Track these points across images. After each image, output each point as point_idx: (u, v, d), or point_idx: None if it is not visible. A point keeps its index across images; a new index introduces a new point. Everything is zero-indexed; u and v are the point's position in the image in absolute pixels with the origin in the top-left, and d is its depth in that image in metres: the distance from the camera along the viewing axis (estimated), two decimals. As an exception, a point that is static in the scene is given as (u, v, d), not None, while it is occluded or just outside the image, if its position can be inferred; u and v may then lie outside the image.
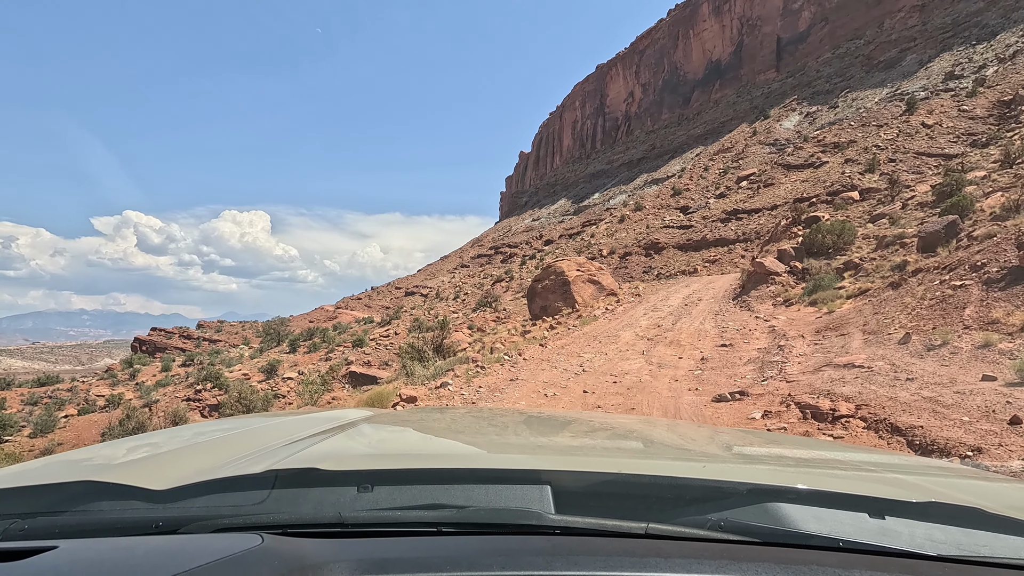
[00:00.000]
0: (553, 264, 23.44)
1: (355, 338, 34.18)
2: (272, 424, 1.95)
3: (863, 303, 15.05)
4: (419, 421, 2.17)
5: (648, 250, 53.45)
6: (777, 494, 1.03)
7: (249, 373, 31.81)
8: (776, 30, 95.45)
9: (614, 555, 0.84)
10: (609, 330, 16.98)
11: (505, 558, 0.82)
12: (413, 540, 0.92)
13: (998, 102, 54.96)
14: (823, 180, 51.19)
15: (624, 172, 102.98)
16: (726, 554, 0.86)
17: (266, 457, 1.30)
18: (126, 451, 1.58)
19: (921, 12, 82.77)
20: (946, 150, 49.86)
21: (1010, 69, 59.97)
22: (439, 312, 45.86)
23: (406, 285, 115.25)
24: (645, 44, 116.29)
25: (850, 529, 0.95)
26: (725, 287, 26.94)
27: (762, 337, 13.50)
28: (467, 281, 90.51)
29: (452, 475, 1.12)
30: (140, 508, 1.02)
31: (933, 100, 59.42)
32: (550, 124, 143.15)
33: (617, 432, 2.10)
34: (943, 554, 0.90)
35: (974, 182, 25.04)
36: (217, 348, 62.50)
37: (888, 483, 1.30)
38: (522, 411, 3.26)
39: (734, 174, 71.54)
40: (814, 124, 76.92)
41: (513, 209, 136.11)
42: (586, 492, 1.08)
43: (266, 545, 0.84)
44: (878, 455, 2.05)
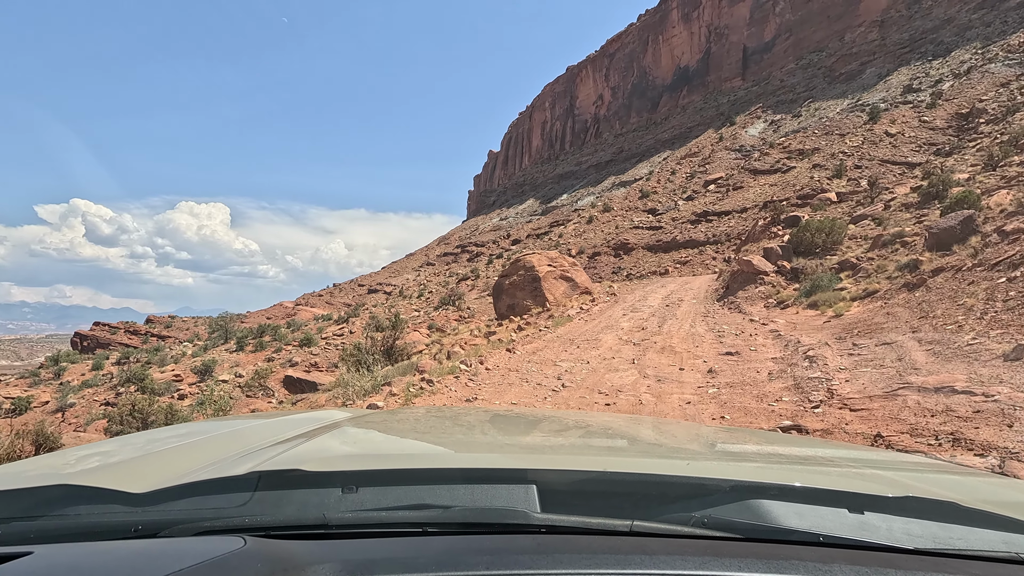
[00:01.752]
0: (522, 258, 20.82)
1: (303, 337, 30.77)
2: (255, 425, 1.89)
3: (876, 305, 12.92)
4: (404, 421, 2.13)
5: (617, 251, 51.47)
6: (760, 491, 1.02)
7: (182, 374, 28.09)
8: (743, 39, 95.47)
9: (599, 553, 0.84)
10: (587, 332, 14.44)
11: (491, 557, 0.82)
12: (398, 540, 0.90)
13: (956, 114, 55.15)
14: (792, 184, 50.26)
15: (592, 174, 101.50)
16: (710, 550, 0.86)
17: (249, 458, 1.24)
18: (104, 454, 1.50)
19: (880, 28, 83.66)
20: (909, 159, 49.58)
21: (965, 84, 60.40)
22: (400, 310, 42.69)
23: (369, 282, 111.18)
24: (615, 47, 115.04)
25: (830, 524, 0.96)
26: (704, 287, 24.83)
27: (769, 343, 11.18)
28: (432, 279, 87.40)
29: (437, 475, 1.10)
30: (119, 511, 0.97)
31: (895, 111, 59.47)
32: (520, 124, 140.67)
33: (602, 431, 2.06)
34: (920, 547, 0.91)
35: (960, 183, 23.72)
36: (162, 345, 57.62)
37: (867, 479, 1.30)
38: (508, 410, 3.31)
39: (701, 178, 70.58)
40: (778, 132, 76.69)
41: (481, 208, 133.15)
42: (571, 491, 1.06)
43: (249, 547, 0.82)
44: (857, 451, 2.06)
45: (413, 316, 37.78)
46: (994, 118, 47.85)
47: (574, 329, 15.26)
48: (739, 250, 30.24)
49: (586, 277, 21.85)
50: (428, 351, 18.89)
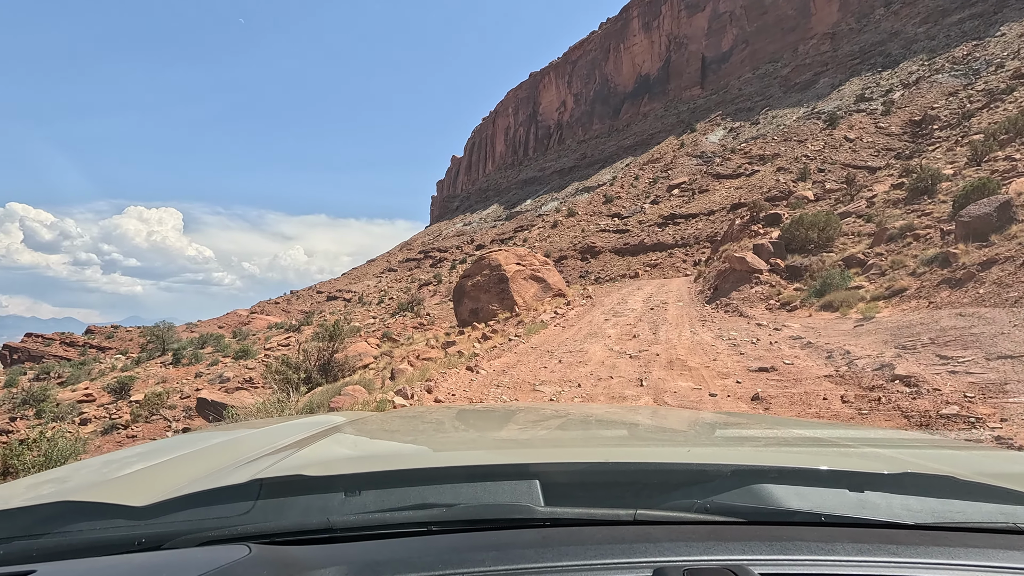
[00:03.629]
0: (487, 256, 17.86)
1: (240, 348, 26.86)
2: (254, 432, 1.83)
3: (915, 305, 10.51)
4: (403, 422, 2.10)
5: (584, 254, 49.08)
6: (760, 474, 1.02)
7: (94, 393, 23.84)
8: (701, 49, 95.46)
9: (604, 543, 0.83)
10: (568, 342, 11.59)
11: (496, 553, 0.81)
12: (403, 541, 0.88)
13: (910, 121, 55.31)
14: (759, 187, 49.06)
15: (556, 179, 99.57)
16: (713, 535, 0.86)
17: (249, 466, 1.21)
18: (104, 468, 1.44)
19: (832, 40, 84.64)
20: (869, 163, 49.12)
21: (915, 93, 60.89)
22: (355, 317, 39.03)
23: (328, 289, 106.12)
24: (578, 55, 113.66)
25: (831, 504, 0.95)
26: (683, 289, 22.41)
27: (801, 354, 8.57)
28: (394, 285, 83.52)
29: (439, 474, 1.08)
30: (121, 526, 0.94)
31: (853, 117, 59.43)
32: (483, 129, 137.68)
33: (602, 421, 2.03)
34: (920, 522, 0.91)
35: (948, 178, 22.12)
36: (88, 359, 51.82)
37: (866, 457, 1.28)
38: (506, 406, 3.37)
39: (665, 183, 69.26)
40: (738, 139, 76.31)
41: (444, 213, 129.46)
42: (574, 483, 1.04)
43: (254, 555, 0.80)
44: (855, 431, 2.02)
45: (368, 324, 34.24)
46: (947, 124, 47.75)
47: (551, 338, 12.38)
48: (716, 250, 28.08)
49: (559, 278, 19.05)
50: (375, 365, 15.68)
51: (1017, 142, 24.59)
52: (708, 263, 26.34)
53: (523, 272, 17.45)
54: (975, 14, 69.17)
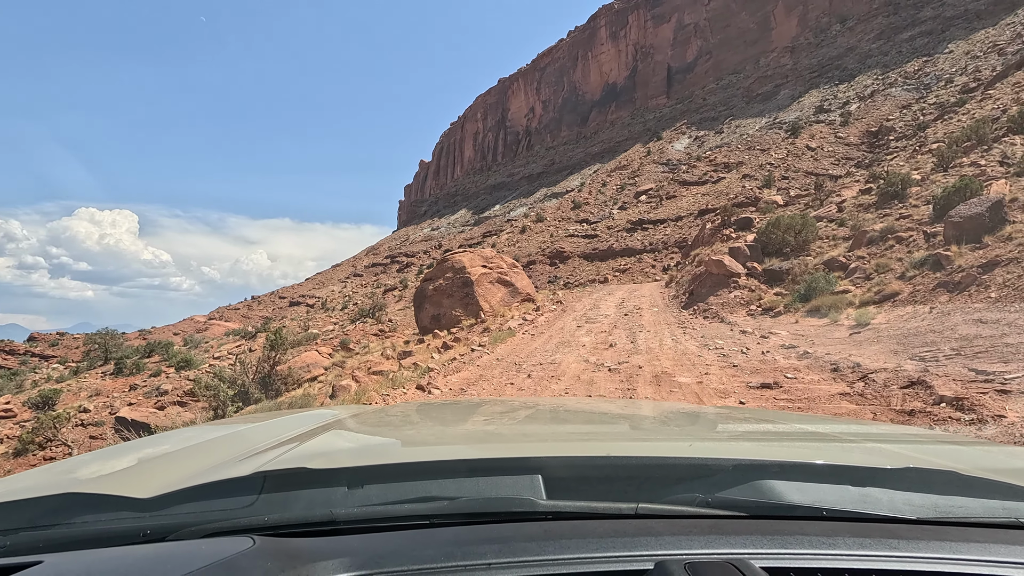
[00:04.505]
0: (450, 257, 16.43)
1: (182, 358, 24.64)
2: (258, 426, 1.80)
3: (912, 311, 9.61)
4: (407, 415, 2.06)
5: (553, 259, 48.08)
6: (762, 468, 1.01)
7: (14, 408, 21.28)
8: (667, 59, 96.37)
9: (606, 536, 0.83)
10: (538, 352, 10.28)
11: (499, 546, 0.80)
12: (406, 533, 0.88)
13: (867, 132, 56.50)
14: (725, 193, 49.08)
15: (524, 185, 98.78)
16: (714, 529, 0.85)
17: (253, 459, 1.19)
18: (108, 461, 1.44)
19: (791, 53, 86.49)
20: (830, 171, 49.73)
21: (871, 105, 62.37)
22: (314, 323, 36.92)
23: (291, 294, 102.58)
24: (546, 62, 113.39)
25: (833, 498, 0.95)
26: (656, 294, 21.45)
27: (801, 366, 7.49)
28: (359, 291, 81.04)
29: (442, 467, 1.07)
30: (126, 517, 0.94)
31: (814, 127, 60.45)
32: (452, 134, 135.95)
33: (605, 416, 2.02)
34: (922, 517, 0.90)
35: (917, 183, 21.89)
36: (35, 367, 47.93)
37: (868, 452, 1.28)
38: (509, 400, 3.17)
39: (632, 189, 69.16)
40: (703, 147, 77.00)
41: (412, 218, 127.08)
42: (576, 477, 1.04)
43: (258, 547, 0.80)
44: (857, 426, 2.03)
45: (327, 331, 32.27)
46: (903, 135, 48.77)
47: (519, 347, 11.05)
48: (687, 255, 27.36)
49: (528, 281, 17.77)
50: (325, 377, 14.04)
51: (980, 149, 24.72)
52: (680, 267, 25.53)
53: (489, 275, 16.10)
54: (925, 32, 71.55)
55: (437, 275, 16.27)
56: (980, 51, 58.81)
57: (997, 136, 25.67)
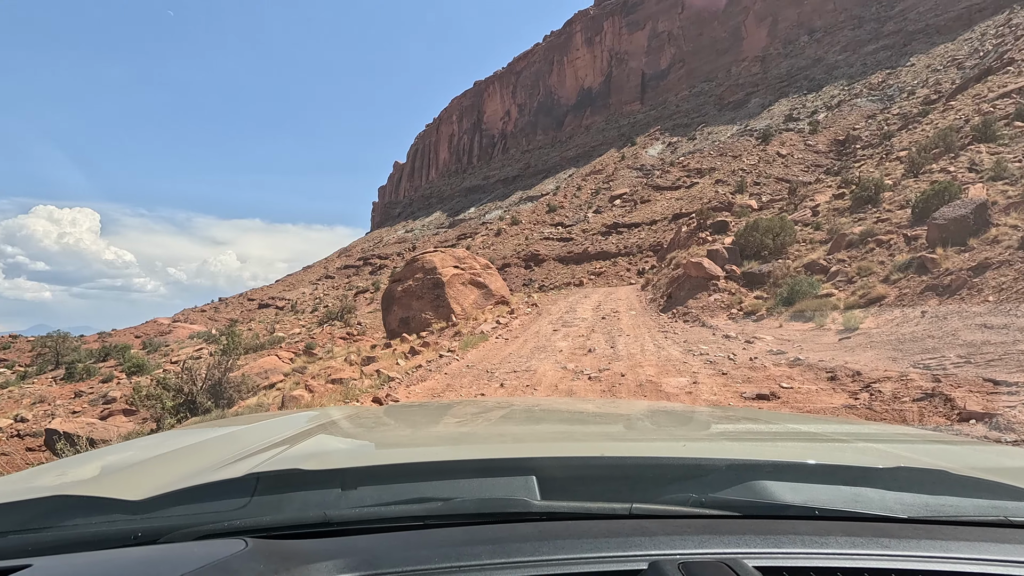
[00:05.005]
0: (421, 257, 15.56)
1: (133, 363, 23.10)
2: (251, 427, 1.74)
3: (902, 316, 9.18)
4: (400, 415, 2.04)
5: (528, 262, 47.45)
6: (755, 468, 1.01)
7: (-59, 418, 19.46)
8: (641, 66, 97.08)
9: (600, 536, 0.82)
10: (512, 358, 9.52)
11: (493, 546, 0.80)
12: (400, 534, 0.88)
13: (835, 140, 57.58)
14: (699, 198, 49.24)
15: (500, 188, 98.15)
16: (708, 529, 0.86)
17: (246, 460, 1.17)
18: (99, 463, 1.40)
19: (761, 63, 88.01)
20: (801, 177, 50.33)
21: (838, 115, 63.67)
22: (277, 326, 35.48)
23: (260, 296, 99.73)
24: (522, 66, 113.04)
25: (825, 497, 0.95)
26: (633, 297, 20.93)
27: (795, 375, 6.91)
28: (330, 293, 79.13)
29: (437, 468, 1.06)
30: (118, 520, 0.93)
31: (784, 135, 61.34)
32: (427, 136, 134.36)
33: (599, 417, 2.01)
34: (913, 516, 0.91)
35: (890, 188, 21.94)
36: (-23, 371, 44.97)
37: (860, 452, 1.28)
38: (503, 401, 3.13)
39: (606, 194, 69.15)
40: (676, 153, 77.58)
41: (385, 220, 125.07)
42: (571, 477, 1.03)
43: (251, 549, 0.79)
44: (849, 426, 2.01)
45: (294, 334, 30.91)
46: (869, 144, 49.74)
47: (492, 353, 10.27)
48: (663, 258, 27.01)
49: (502, 283, 17.00)
50: (284, 384, 13.01)
51: (948, 156, 25.05)
52: (657, 271, 25.13)
53: (462, 276, 15.27)
54: (887, 45, 73.51)
55: (406, 276, 15.37)
56: (940, 65, 60.53)
57: (963, 144, 26.03)
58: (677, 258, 23.11)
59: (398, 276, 15.82)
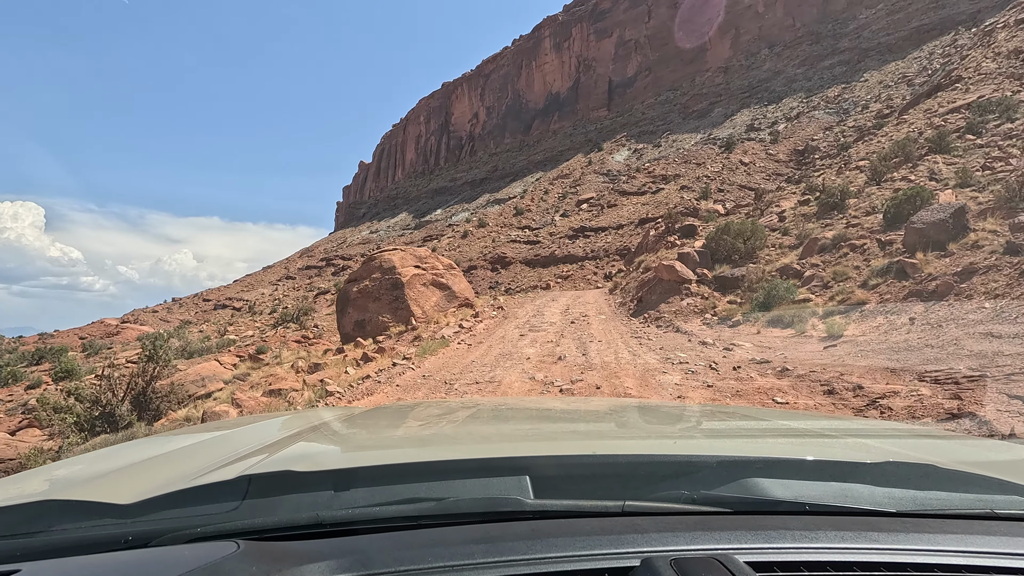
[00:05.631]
0: (379, 256, 14.42)
1: (61, 368, 21.06)
2: (243, 429, 1.74)
3: (886, 323, 8.66)
4: (392, 416, 2.01)
5: (495, 264, 46.55)
6: (746, 465, 1.01)
7: None
8: (608, 73, 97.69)
9: (593, 534, 0.83)
10: (474, 367, 8.56)
11: (486, 545, 0.80)
12: (393, 535, 0.87)
13: (794, 150, 58.83)
14: (664, 203, 49.38)
15: (467, 190, 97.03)
16: (700, 525, 0.86)
17: (238, 463, 1.16)
18: (88, 467, 1.37)
19: (725, 74, 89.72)
20: (762, 185, 51.13)
21: (796, 126, 65.17)
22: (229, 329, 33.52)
23: (217, 297, 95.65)
24: (491, 68, 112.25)
25: (815, 493, 0.96)
26: (602, 301, 20.26)
27: (787, 386, 6.20)
28: (290, 294, 76.37)
29: (429, 468, 1.05)
30: (108, 524, 0.91)
31: (746, 144, 62.40)
32: (393, 136, 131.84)
33: (591, 415, 2.01)
34: (901, 510, 0.92)
35: (855, 194, 22.00)
36: None
37: (849, 447, 1.28)
38: (495, 401, 3.13)
39: (573, 198, 68.96)
40: (642, 159, 78.13)
41: (350, 220, 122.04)
42: (563, 476, 1.03)
43: (243, 551, 0.79)
44: (838, 422, 2.07)
45: (246, 336, 29.10)
46: (827, 154, 50.94)
47: (453, 360, 9.29)
48: (631, 262, 26.53)
49: (467, 285, 16.01)
50: (222, 393, 11.69)
51: (907, 165, 25.47)
52: (625, 274, 24.57)
53: (423, 277, 14.21)
54: (843, 61, 75.83)
55: (363, 275, 14.21)
56: (891, 81, 62.66)
57: (921, 155, 26.51)
58: (646, 261, 22.60)
59: (354, 276, 14.64)
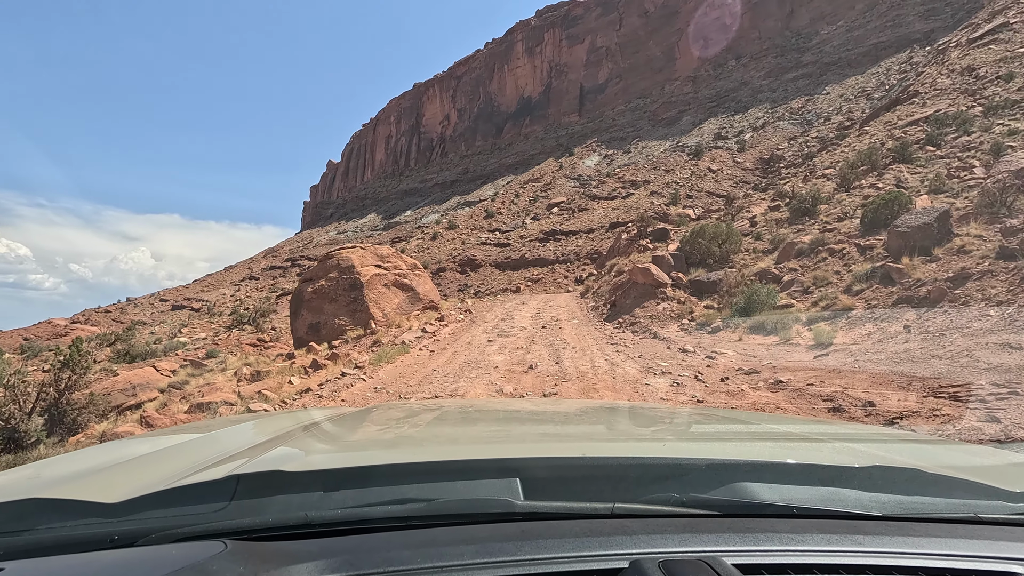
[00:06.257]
0: (337, 253, 13.30)
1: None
2: (232, 429, 1.74)
3: (876, 330, 8.09)
4: (383, 416, 1.98)
5: (464, 267, 45.50)
6: (735, 468, 1.02)
7: None
8: (580, 78, 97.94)
9: (582, 536, 0.83)
10: (435, 377, 7.59)
11: (475, 546, 0.80)
12: (382, 535, 0.86)
13: (760, 159, 59.74)
14: (634, 208, 49.28)
15: (437, 192, 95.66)
16: (688, 527, 0.87)
17: (227, 462, 1.15)
18: (76, 465, 1.33)
19: (693, 83, 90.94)
20: (730, 192, 51.69)
21: (762, 135, 66.30)
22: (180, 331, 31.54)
23: (175, 297, 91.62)
24: (463, 71, 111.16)
25: (802, 496, 0.96)
26: (573, 305, 19.51)
27: (784, 400, 5.46)
28: (252, 295, 73.53)
29: (419, 469, 1.05)
30: (94, 523, 0.90)
31: (714, 151, 63.10)
32: (363, 135, 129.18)
33: (581, 417, 2.00)
34: (887, 514, 0.92)
35: (826, 200, 21.93)
36: None
37: (836, 451, 1.29)
38: (486, 403, 3.14)
39: (544, 201, 68.52)
40: (612, 165, 78.35)
41: (317, 220, 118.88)
42: (553, 477, 1.03)
43: (230, 551, 0.78)
44: (826, 426, 2.03)
45: (199, 339, 27.29)
46: (792, 163, 51.83)
47: (411, 369, 8.29)
48: (603, 265, 25.94)
49: (432, 286, 14.99)
50: (155, 403, 10.39)
51: (874, 174, 25.73)
52: (597, 278, 23.92)
53: (384, 277, 13.14)
54: (806, 74, 77.67)
55: (319, 274, 13.05)
56: (852, 95, 64.36)
57: (886, 164, 26.81)
58: (619, 265, 22.00)
59: (310, 275, 13.45)
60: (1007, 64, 33.07)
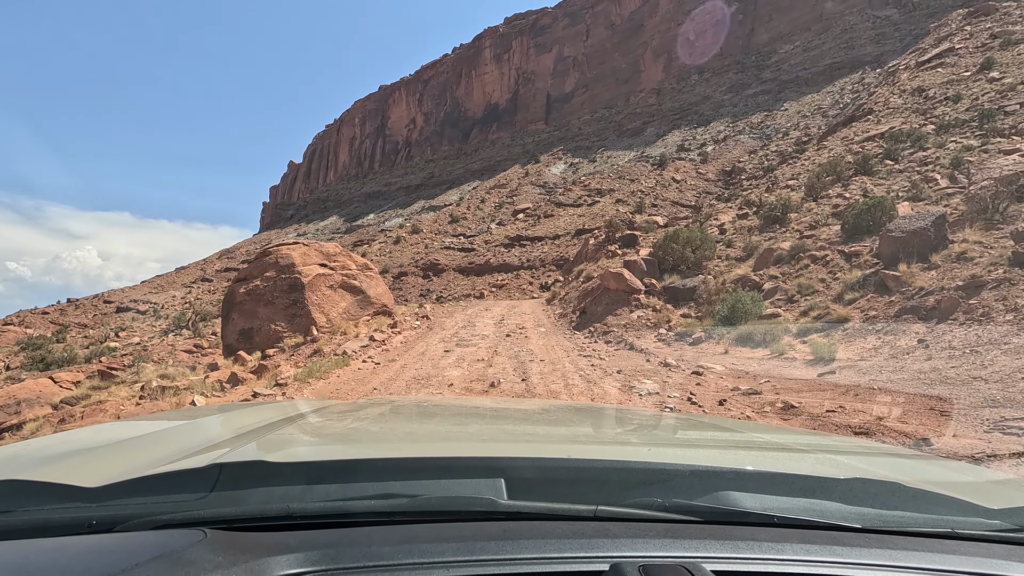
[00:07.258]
0: (275, 249, 11.64)
1: None
2: (217, 418, 1.71)
3: (876, 342, 7.12)
4: (369, 411, 1.95)
5: (427, 271, 43.80)
6: (718, 475, 1.02)
7: None
8: (547, 87, 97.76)
9: (564, 537, 0.83)
10: (375, 395, 6.16)
11: (457, 544, 0.80)
12: (364, 529, 0.86)
13: (722, 170, 60.41)
14: (600, 215, 48.76)
15: (402, 196, 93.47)
16: (670, 533, 0.87)
17: (210, 451, 1.14)
18: (54, 448, 1.30)
19: (658, 96, 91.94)
20: (693, 202, 51.85)
21: (724, 148, 67.25)
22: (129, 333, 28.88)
23: (120, 298, 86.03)
24: (430, 75, 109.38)
25: (784, 505, 0.97)
26: (539, 312, 18.29)
27: (799, 428, 4.38)
28: (204, 297, 69.52)
29: (404, 464, 1.04)
30: (71, 507, 0.88)
31: (678, 162, 63.50)
32: (326, 136, 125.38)
33: (568, 419, 1.97)
34: (867, 526, 0.93)
35: (796, 208, 21.53)
36: None
37: (819, 462, 1.29)
38: (472, 401, 3.16)
39: (510, 208, 67.51)
40: (577, 173, 78.08)
41: (276, 221, 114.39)
42: (538, 478, 1.03)
43: (209, 540, 0.77)
44: (810, 436, 2.04)
45: (130, 343, 24.77)
46: (753, 175, 52.45)
47: (349, 385, 6.81)
48: (570, 270, 24.86)
49: (385, 289, 13.45)
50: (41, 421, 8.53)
51: (839, 184, 25.73)
52: (564, 284, 22.79)
53: (330, 278, 11.56)
54: (765, 90, 79.47)
55: (254, 274, 11.36)
56: (808, 111, 65.93)
57: (849, 176, 26.83)
58: (587, 270, 20.95)
59: (243, 274, 11.73)
60: (954, 86, 34.01)
